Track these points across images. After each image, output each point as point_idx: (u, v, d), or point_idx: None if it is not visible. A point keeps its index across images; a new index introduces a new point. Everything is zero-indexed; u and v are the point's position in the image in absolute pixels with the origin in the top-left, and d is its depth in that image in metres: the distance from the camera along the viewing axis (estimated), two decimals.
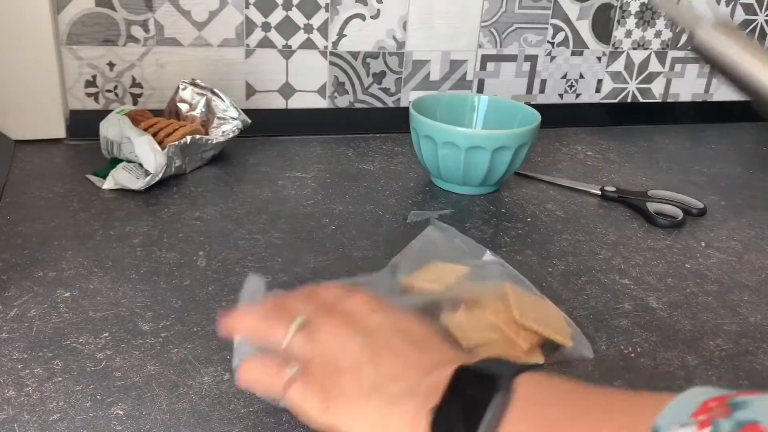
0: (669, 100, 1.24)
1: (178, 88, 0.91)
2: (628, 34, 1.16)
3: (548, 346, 0.56)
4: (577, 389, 0.38)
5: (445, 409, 0.38)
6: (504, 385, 0.37)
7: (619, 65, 1.18)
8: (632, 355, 0.57)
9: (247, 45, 0.98)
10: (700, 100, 1.26)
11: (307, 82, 1.03)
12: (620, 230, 0.79)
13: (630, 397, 0.35)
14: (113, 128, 0.83)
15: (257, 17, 0.97)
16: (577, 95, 1.18)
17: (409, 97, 1.08)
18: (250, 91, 1.01)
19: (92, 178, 0.82)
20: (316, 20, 1.00)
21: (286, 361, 0.43)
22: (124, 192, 0.79)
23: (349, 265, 0.67)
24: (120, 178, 0.79)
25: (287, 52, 1.00)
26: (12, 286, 0.60)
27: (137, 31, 0.93)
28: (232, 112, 0.90)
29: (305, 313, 0.45)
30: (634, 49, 1.17)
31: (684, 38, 1.19)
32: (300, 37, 1.00)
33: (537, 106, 0.88)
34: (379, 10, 1.01)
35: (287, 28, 0.99)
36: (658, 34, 1.17)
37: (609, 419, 0.34)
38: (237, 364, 0.46)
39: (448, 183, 0.86)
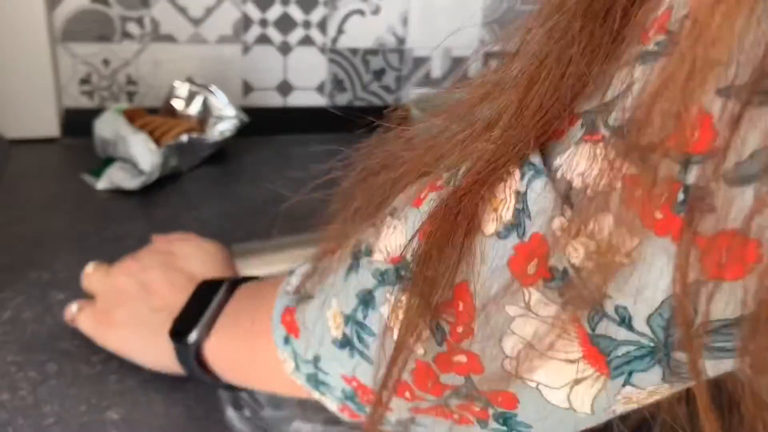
0: None
1: (174, 86, 0.90)
2: None
3: None
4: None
5: (184, 314, 0.48)
6: (226, 286, 0.48)
7: None
8: None
9: (245, 42, 0.97)
10: None
11: (306, 80, 1.02)
12: None
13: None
14: (108, 127, 0.82)
15: (255, 13, 0.96)
16: None
17: (409, 94, 1.08)
18: (248, 88, 1.00)
19: (87, 177, 0.81)
20: (315, 16, 0.99)
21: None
22: (119, 192, 0.78)
23: None
24: (115, 177, 0.78)
25: (285, 49, 1.00)
26: (5, 288, 0.59)
27: (132, 28, 0.92)
28: (229, 110, 0.89)
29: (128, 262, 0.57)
30: None
31: None
32: (298, 33, 0.99)
33: None
34: (378, 6, 1.01)
35: (285, 24, 0.98)
36: None
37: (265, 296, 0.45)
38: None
39: None
